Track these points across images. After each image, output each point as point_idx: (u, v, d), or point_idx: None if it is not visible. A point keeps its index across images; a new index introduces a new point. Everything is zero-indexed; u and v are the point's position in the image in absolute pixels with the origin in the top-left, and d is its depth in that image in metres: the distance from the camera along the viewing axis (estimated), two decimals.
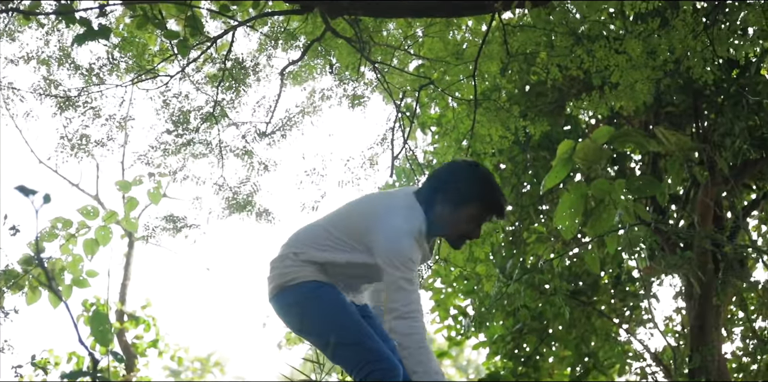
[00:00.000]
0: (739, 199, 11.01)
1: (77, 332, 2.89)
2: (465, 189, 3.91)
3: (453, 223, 3.92)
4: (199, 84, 9.39)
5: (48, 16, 6.21)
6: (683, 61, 8.13)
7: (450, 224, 3.92)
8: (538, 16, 8.14)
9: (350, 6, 6.35)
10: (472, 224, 3.93)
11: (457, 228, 3.94)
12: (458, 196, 3.89)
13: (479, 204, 3.89)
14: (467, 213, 3.90)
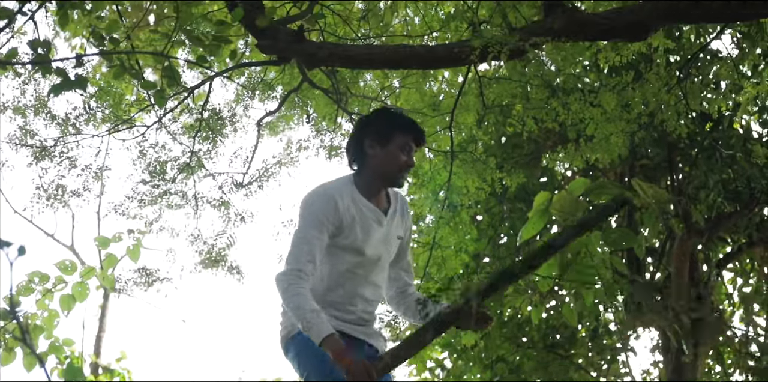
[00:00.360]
0: (715, 252, 11.04)
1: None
2: (381, 127, 4.20)
3: (390, 159, 4.13)
4: (176, 134, 9.35)
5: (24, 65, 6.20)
6: (657, 114, 8.19)
7: (388, 161, 4.13)
8: (514, 69, 8.19)
9: (327, 57, 6.37)
10: (404, 154, 4.14)
11: (395, 161, 4.13)
12: (380, 135, 4.16)
13: (400, 132, 4.16)
14: (395, 145, 4.13)
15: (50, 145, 8.86)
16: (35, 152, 8.83)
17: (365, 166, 4.17)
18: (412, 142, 4.17)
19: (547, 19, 6.40)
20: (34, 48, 4.90)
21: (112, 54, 5.36)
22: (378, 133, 4.15)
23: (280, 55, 6.44)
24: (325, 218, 4.03)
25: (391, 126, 4.18)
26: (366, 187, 4.15)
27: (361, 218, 4.10)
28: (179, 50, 7.76)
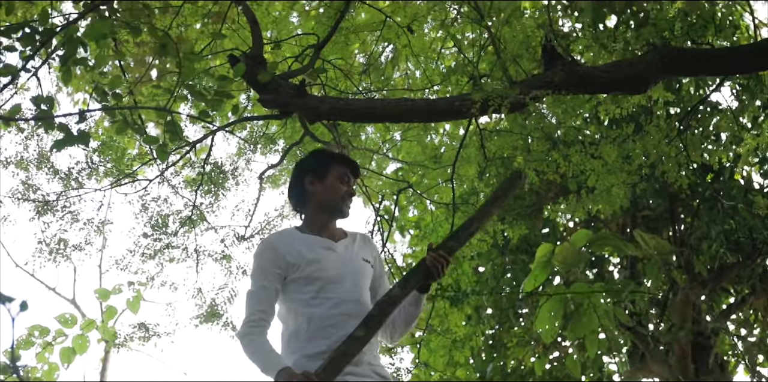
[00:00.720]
0: (718, 302, 10.98)
1: None
2: (317, 164, 4.44)
3: (330, 190, 4.33)
4: (178, 188, 9.35)
5: (27, 121, 6.21)
6: (658, 165, 8.17)
7: (329, 192, 4.33)
8: (515, 121, 8.20)
9: (329, 111, 6.37)
10: (344, 184, 4.36)
11: (336, 192, 4.33)
12: (317, 171, 4.38)
13: (335, 165, 4.39)
14: (333, 177, 4.35)
15: (52, 200, 8.86)
16: (37, 207, 8.82)
17: (309, 203, 4.36)
18: (349, 173, 4.37)
19: (547, 73, 6.43)
20: (37, 104, 4.90)
21: (115, 109, 5.36)
22: (315, 170, 4.38)
23: (281, 109, 6.45)
24: (269, 264, 4.15)
25: (326, 161, 4.42)
26: (312, 224, 4.32)
27: (308, 249, 4.17)
28: (181, 105, 7.78)
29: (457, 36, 8.32)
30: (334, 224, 4.40)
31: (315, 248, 4.18)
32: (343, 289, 4.12)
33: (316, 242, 4.21)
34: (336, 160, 4.43)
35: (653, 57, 6.30)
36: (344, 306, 4.08)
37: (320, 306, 4.07)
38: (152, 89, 7.72)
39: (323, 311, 4.06)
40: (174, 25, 7.47)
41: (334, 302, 4.08)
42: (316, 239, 4.23)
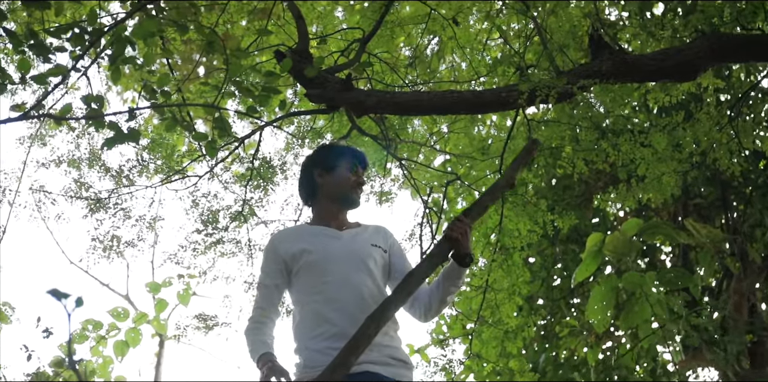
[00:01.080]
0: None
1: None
2: (326, 157, 4.42)
3: (339, 180, 4.32)
4: (228, 183, 9.39)
5: (78, 120, 6.26)
6: (709, 153, 8.10)
7: (338, 183, 4.31)
8: (562, 111, 8.16)
9: (376, 105, 6.37)
10: (353, 174, 4.34)
11: (345, 182, 4.31)
12: (326, 164, 4.36)
13: (343, 157, 4.37)
14: (342, 168, 4.33)
15: (104, 197, 8.92)
16: (90, 204, 8.90)
17: (318, 195, 4.35)
18: (358, 163, 4.36)
19: (594, 62, 6.39)
20: (87, 103, 4.94)
21: (164, 106, 5.39)
22: (324, 162, 4.36)
23: (328, 104, 6.46)
24: (270, 262, 4.22)
25: (334, 153, 4.42)
26: (322, 216, 4.33)
27: (310, 238, 4.18)
28: (229, 101, 7.83)
29: (503, 27, 8.29)
30: (345, 214, 4.38)
31: (318, 237, 4.17)
32: (344, 270, 4.06)
33: (320, 232, 4.21)
34: (344, 152, 4.44)
35: (702, 44, 6.24)
36: (345, 290, 4.01)
37: (322, 293, 4.02)
38: (200, 86, 7.76)
39: (326, 297, 4.01)
40: (220, 22, 7.51)
41: (336, 286, 4.02)
42: (322, 228, 4.23)
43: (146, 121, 8.77)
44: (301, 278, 4.11)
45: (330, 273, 4.04)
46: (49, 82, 4.87)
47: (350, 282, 4.01)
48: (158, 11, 5.10)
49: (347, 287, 4.00)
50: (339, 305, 3.96)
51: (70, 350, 2.73)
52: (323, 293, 4.01)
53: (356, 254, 4.11)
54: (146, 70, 5.72)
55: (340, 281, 4.02)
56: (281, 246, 4.17)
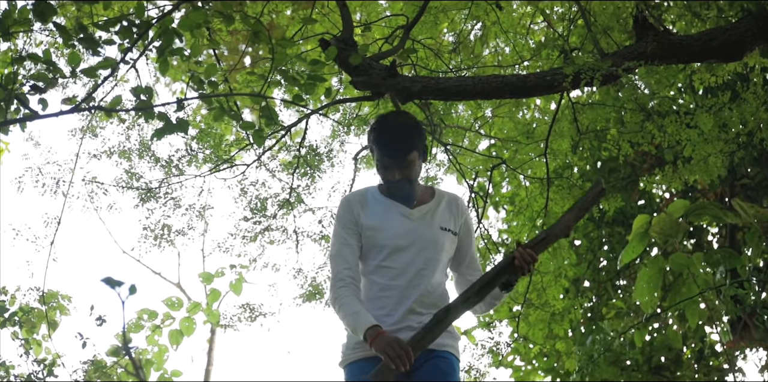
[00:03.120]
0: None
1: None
2: (369, 142, 4.26)
3: (379, 173, 4.16)
4: (275, 171, 9.41)
5: (128, 112, 6.29)
6: (756, 133, 8.00)
7: (379, 174, 4.17)
8: (607, 94, 8.09)
9: (420, 91, 6.34)
10: (382, 170, 4.11)
11: (383, 176, 4.14)
12: (370, 146, 4.23)
13: (376, 149, 4.12)
14: (376, 162, 4.13)
15: (155, 187, 8.97)
16: (141, 194, 8.95)
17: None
18: (388, 159, 4.08)
19: (639, 44, 6.33)
20: (136, 94, 4.95)
21: (211, 97, 5.40)
22: (370, 145, 4.23)
23: (373, 91, 6.44)
24: (346, 220, 4.10)
25: (370, 144, 4.23)
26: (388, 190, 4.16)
27: (381, 213, 4.08)
28: (275, 90, 7.83)
29: (546, 11, 8.22)
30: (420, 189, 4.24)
31: (387, 213, 4.08)
32: (407, 259, 3.99)
33: (389, 207, 4.10)
34: (375, 146, 4.16)
35: (748, 23, 6.16)
36: (405, 277, 3.96)
37: (383, 275, 3.99)
38: (246, 76, 7.76)
39: (384, 281, 3.97)
40: (265, 12, 7.51)
41: (395, 272, 3.97)
42: (391, 203, 4.11)
43: (194, 112, 8.81)
44: (365, 250, 4.06)
45: (393, 259, 3.99)
46: (98, 75, 4.88)
47: (411, 273, 3.97)
48: (204, 2, 5.10)
49: (406, 277, 3.96)
50: (395, 293, 3.94)
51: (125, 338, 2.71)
52: (383, 277, 3.99)
53: (424, 240, 4.03)
54: (193, 61, 5.73)
55: (401, 270, 3.98)
56: (354, 209, 4.09)
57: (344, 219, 4.10)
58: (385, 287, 3.96)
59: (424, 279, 3.96)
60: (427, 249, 4.00)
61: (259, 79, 5.86)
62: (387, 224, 4.03)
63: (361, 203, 4.11)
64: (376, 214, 4.07)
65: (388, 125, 4.10)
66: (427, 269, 3.99)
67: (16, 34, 4.76)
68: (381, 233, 4.02)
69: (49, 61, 4.86)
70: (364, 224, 4.04)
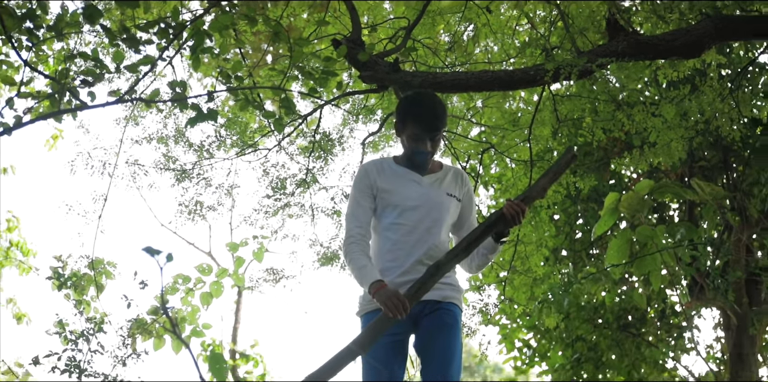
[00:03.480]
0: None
1: (198, 370, 2.84)
2: (399, 114, 4.07)
3: (404, 143, 4.03)
4: (293, 155, 9.41)
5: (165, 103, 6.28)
6: (712, 121, 7.98)
7: (404, 145, 4.04)
8: (583, 87, 8.08)
9: (420, 84, 6.33)
10: (412, 141, 3.98)
11: (408, 146, 4.01)
12: (399, 122, 4.05)
13: (411, 122, 3.97)
14: (407, 134, 3.98)
15: (189, 169, 8.98)
16: (176, 175, 8.96)
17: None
18: (423, 132, 3.96)
19: (611, 43, 6.31)
20: (172, 88, 4.94)
21: (237, 90, 5.39)
22: (398, 120, 4.07)
23: (379, 84, 6.43)
24: (362, 185, 4.02)
25: (404, 115, 4.04)
26: (403, 159, 4.08)
27: (395, 179, 4.02)
28: (293, 84, 7.80)
29: (530, 14, 8.18)
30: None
31: (401, 179, 4.02)
32: (417, 218, 3.93)
33: (404, 174, 4.03)
34: (411, 118, 4.00)
35: (707, 25, 6.13)
36: (415, 234, 3.91)
37: (396, 232, 3.94)
38: (268, 71, 7.75)
39: (397, 237, 3.92)
40: (284, 15, 7.48)
41: (407, 229, 3.92)
42: (405, 170, 4.04)
43: (223, 103, 8.79)
44: (380, 211, 4.02)
45: (405, 217, 3.94)
46: (139, 71, 4.88)
47: (420, 229, 3.92)
48: (231, 7, 5.08)
49: (416, 233, 3.91)
50: (406, 246, 3.90)
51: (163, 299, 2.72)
52: (396, 233, 3.94)
53: (432, 202, 3.98)
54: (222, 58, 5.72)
55: (412, 226, 3.92)
56: (371, 175, 4.03)
57: (360, 183, 4.03)
58: (397, 242, 3.92)
59: (431, 236, 3.93)
60: (434, 210, 3.96)
61: (279, 74, 5.84)
62: (401, 187, 3.99)
63: (378, 169, 4.04)
64: (392, 179, 4.01)
65: (426, 103, 3.98)
66: (435, 228, 3.95)
67: (68, 35, 4.75)
68: (395, 195, 3.97)
69: (97, 59, 4.86)
70: (380, 187, 3.99)
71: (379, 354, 3.73)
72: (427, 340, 3.81)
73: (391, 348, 3.78)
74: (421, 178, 4.03)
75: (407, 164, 4.05)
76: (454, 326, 3.84)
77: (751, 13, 7.12)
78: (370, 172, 4.03)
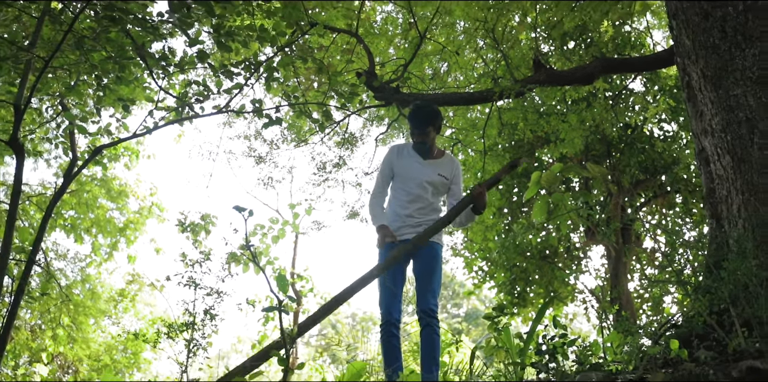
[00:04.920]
0: (635, 201, 10.71)
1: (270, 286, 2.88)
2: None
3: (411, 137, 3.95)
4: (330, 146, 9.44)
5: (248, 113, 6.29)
6: (600, 125, 7.98)
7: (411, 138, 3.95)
8: (518, 103, 8.05)
9: (413, 100, 6.34)
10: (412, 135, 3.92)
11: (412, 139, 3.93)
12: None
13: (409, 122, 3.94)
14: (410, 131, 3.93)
15: (264, 155, 9.02)
16: (256, 159, 9.00)
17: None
18: (412, 129, 3.92)
19: (535, 75, 6.27)
20: (253, 103, 4.95)
21: (295, 105, 5.40)
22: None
23: (386, 101, 6.43)
24: (385, 161, 3.98)
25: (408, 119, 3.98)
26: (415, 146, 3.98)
27: (406, 158, 3.95)
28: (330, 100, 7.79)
29: (484, 56, 8.15)
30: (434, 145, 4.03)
31: (410, 160, 3.94)
32: (417, 188, 3.89)
33: (414, 157, 3.95)
34: (408, 121, 3.99)
35: (596, 64, 6.10)
36: (411, 197, 3.88)
37: (398, 194, 3.92)
38: (314, 92, 7.74)
39: (401, 197, 3.90)
40: (325, 56, 7.46)
41: (407, 193, 3.89)
42: (415, 155, 3.95)
43: (285, 113, 8.81)
44: (394, 179, 3.98)
45: (407, 186, 3.90)
46: (232, 92, 4.89)
47: (415, 194, 3.89)
48: (291, 51, 5.08)
49: (413, 196, 3.89)
50: (406, 203, 3.89)
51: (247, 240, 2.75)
52: (401, 194, 3.92)
53: (428, 178, 3.91)
54: (285, 84, 5.71)
55: (410, 191, 3.90)
56: (391, 155, 3.97)
57: (386, 159, 4.00)
58: (401, 201, 3.91)
59: (421, 199, 3.90)
60: (426, 182, 3.92)
61: (321, 94, 5.84)
62: (408, 165, 3.93)
63: (398, 151, 3.98)
64: (404, 159, 3.95)
65: (414, 112, 3.94)
66: (425, 194, 3.92)
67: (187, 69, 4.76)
68: (402, 169, 3.93)
69: (205, 85, 4.87)
70: (395, 163, 3.95)
71: (389, 275, 3.73)
72: (420, 265, 3.81)
73: (396, 272, 3.78)
74: (424, 161, 3.96)
75: (416, 150, 3.98)
76: (437, 257, 3.86)
77: (624, 57, 7.10)
78: (392, 153, 3.99)
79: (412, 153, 3.98)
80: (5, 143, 3.53)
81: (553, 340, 2.99)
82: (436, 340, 3.62)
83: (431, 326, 3.60)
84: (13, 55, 3.86)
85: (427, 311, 3.62)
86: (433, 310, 3.65)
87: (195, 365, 5.25)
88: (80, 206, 9.52)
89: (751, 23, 3.56)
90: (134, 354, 11.50)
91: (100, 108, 5.13)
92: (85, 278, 10.39)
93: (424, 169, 3.94)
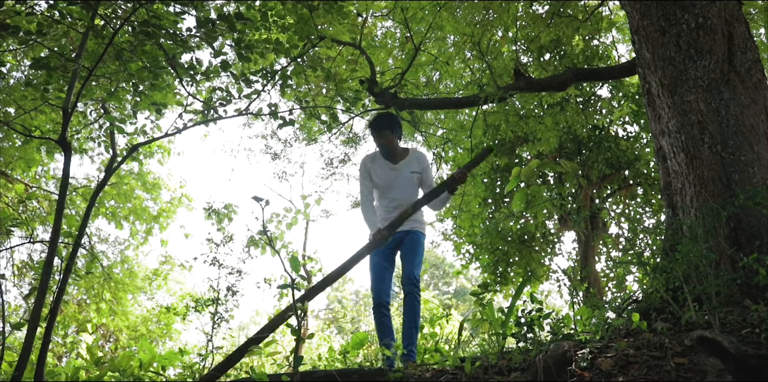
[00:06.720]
0: (602, 193, 10.73)
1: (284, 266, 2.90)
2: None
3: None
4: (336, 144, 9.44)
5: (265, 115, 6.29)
6: (573, 126, 7.98)
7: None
8: (501, 107, 8.05)
9: (409, 105, 6.35)
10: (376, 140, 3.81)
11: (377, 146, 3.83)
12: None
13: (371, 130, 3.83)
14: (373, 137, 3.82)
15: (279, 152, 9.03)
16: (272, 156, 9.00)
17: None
18: (373, 136, 3.86)
19: (516, 82, 6.28)
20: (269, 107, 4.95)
21: (307, 107, 5.39)
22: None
23: (386, 105, 6.42)
24: (362, 171, 3.92)
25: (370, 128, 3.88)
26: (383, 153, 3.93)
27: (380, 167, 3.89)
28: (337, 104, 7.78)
29: (470, 66, 8.14)
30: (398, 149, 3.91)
31: (383, 169, 3.89)
32: (396, 193, 3.86)
33: (384, 163, 3.89)
34: (370, 126, 3.89)
35: (569, 73, 6.10)
36: (395, 202, 3.86)
37: (382, 201, 3.89)
38: (323, 97, 7.74)
39: (384, 204, 3.88)
40: (332, 66, 7.44)
41: (389, 199, 3.86)
42: (385, 161, 3.90)
43: (297, 116, 8.80)
44: (375, 188, 3.93)
45: (389, 193, 3.89)
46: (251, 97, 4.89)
47: (397, 198, 3.88)
48: (302, 61, 5.07)
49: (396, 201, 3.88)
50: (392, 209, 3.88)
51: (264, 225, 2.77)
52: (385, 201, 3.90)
53: (404, 182, 3.88)
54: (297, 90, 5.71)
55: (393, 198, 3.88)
56: (367, 164, 3.91)
57: (362, 170, 3.95)
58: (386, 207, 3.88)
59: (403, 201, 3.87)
60: (403, 184, 3.89)
61: (329, 99, 5.85)
62: (383, 175, 3.89)
63: (371, 160, 3.93)
64: (377, 167, 3.91)
65: (373, 121, 3.89)
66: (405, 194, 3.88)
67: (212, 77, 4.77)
68: (379, 178, 3.90)
69: (227, 91, 4.87)
70: (372, 171, 3.90)
71: (380, 256, 3.77)
72: (406, 250, 3.83)
73: (386, 254, 3.81)
74: (395, 166, 3.91)
75: (384, 156, 3.92)
76: (419, 241, 3.86)
77: (593, 67, 7.09)
78: (366, 162, 3.93)
79: (382, 161, 3.92)
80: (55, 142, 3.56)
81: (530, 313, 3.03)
82: (416, 306, 3.66)
83: (413, 294, 3.63)
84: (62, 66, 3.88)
85: (410, 278, 3.65)
86: (416, 277, 3.67)
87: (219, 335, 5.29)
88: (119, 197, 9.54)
89: (702, 39, 3.60)
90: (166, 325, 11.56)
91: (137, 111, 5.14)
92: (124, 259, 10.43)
93: (399, 174, 3.89)
